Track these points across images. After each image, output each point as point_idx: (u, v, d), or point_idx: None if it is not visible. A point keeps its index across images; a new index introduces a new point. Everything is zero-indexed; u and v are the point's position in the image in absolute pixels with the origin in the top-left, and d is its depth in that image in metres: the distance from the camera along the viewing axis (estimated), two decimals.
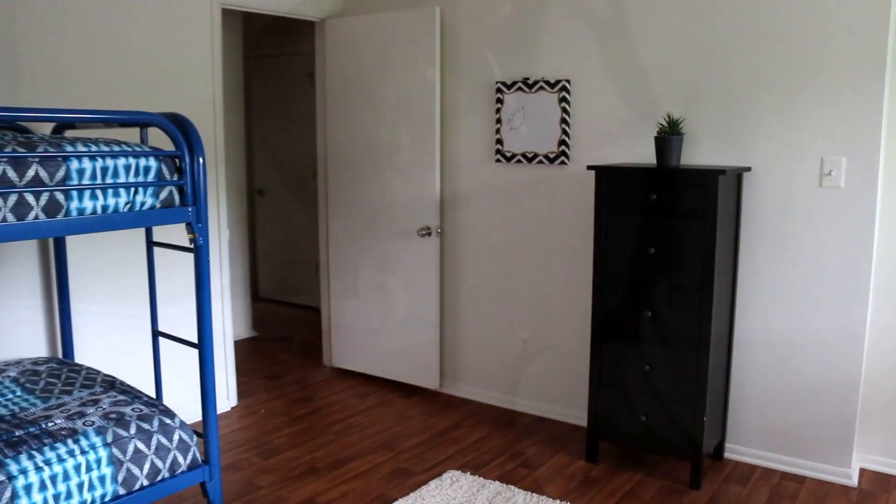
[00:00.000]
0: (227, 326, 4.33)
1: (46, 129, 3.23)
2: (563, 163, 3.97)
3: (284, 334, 5.98)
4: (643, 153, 3.72)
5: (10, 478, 2.25)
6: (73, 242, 3.47)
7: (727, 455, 3.69)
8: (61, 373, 3.08)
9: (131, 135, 3.35)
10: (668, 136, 3.40)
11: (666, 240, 3.32)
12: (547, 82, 3.96)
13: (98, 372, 3.09)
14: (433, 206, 4.36)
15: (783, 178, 3.40)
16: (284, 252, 6.84)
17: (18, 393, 2.88)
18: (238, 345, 5.37)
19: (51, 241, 3.41)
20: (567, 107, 3.92)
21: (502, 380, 4.40)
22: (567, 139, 3.94)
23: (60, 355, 3.52)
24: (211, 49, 4.02)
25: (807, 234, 3.37)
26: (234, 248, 5.58)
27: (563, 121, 3.93)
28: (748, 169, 3.45)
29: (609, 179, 3.46)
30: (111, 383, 2.93)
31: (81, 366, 3.18)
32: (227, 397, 4.34)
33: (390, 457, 3.72)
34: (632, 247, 3.42)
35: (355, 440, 3.91)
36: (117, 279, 3.68)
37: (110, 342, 3.69)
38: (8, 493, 2.24)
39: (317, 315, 6.36)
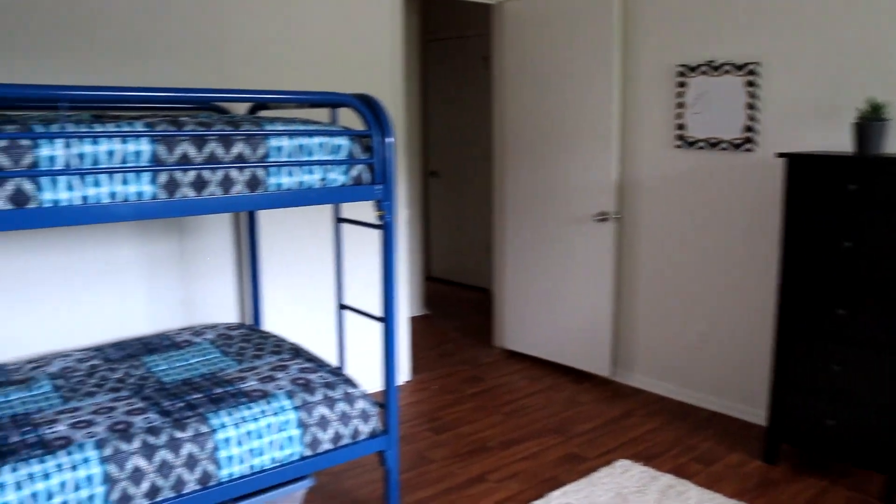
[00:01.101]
0: (404, 303, 4.48)
1: (242, 110, 3.45)
2: (748, 150, 3.80)
3: (456, 314, 6.09)
4: (835, 141, 3.49)
5: (213, 430, 2.44)
6: (263, 217, 3.70)
7: None
8: (252, 338, 3.30)
9: (319, 116, 3.52)
10: (870, 123, 3.17)
11: (864, 233, 3.10)
12: (733, 65, 3.79)
13: (284, 340, 3.28)
14: (610, 191, 4.30)
15: None
16: (456, 233, 6.97)
17: (216, 354, 3.11)
18: (411, 322, 5.53)
19: (244, 214, 3.64)
20: (754, 90, 3.74)
21: (676, 371, 4.29)
22: (754, 125, 3.77)
23: (250, 322, 3.76)
24: (391, 32, 4.13)
25: None
26: (408, 228, 5.74)
27: (750, 105, 3.76)
28: None
29: (801, 167, 3.26)
30: (297, 351, 3.10)
31: (269, 333, 3.39)
32: (401, 372, 4.49)
33: (560, 441, 3.72)
34: (824, 240, 3.21)
35: (525, 422, 3.94)
36: (303, 253, 3.89)
37: (294, 312, 3.91)
38: (210, 444, 2.43)
39: (486, 296, 6.45)
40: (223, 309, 3.69)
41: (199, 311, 3.61)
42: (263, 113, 3.35)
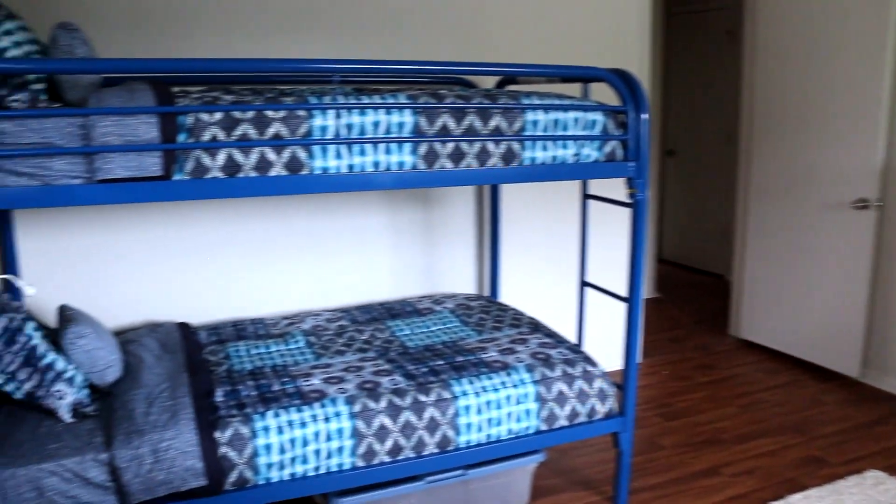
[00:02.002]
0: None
1: (488, 84, 3.49)
2: None
3: (688, 298, 5.88)
4: None
5: (454, 397, 2.51)
6: (505, 190, 3.74)
7: None
8: (491, 310, 3.35)
9: (565, 90, 3.48)
10: None
11: None
12: None
13: (523, 314, 3.30)
14: (873, 176, 3.93)
15: None
16: (691, 215, 6.70)
17: (456, 323, 3.19)
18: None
19: (487, 187, 3.70)
20: None
21: None
22: None
23: (487, 293, 3.83)
24: (639, 6, 4.00)
25: None
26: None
27: None
28: None
29: None
30: (536, 326, 3.12)
31: (507, 306, 3.43)
32: None
33: (801, 441, 3.49)
34: None
35: (762, 417, 3.73)
36: (543, 228, 3.89)
37: (532, 287, 3.93)
38: (452, 410, 2.50)
39: (719, 282, 6.18)
40: (461, 279, 3.79)
41: (438, 280, 3.73)
42: (511, 88, 3.36)
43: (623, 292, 2.92)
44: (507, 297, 3.86)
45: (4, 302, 2.31)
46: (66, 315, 2.50)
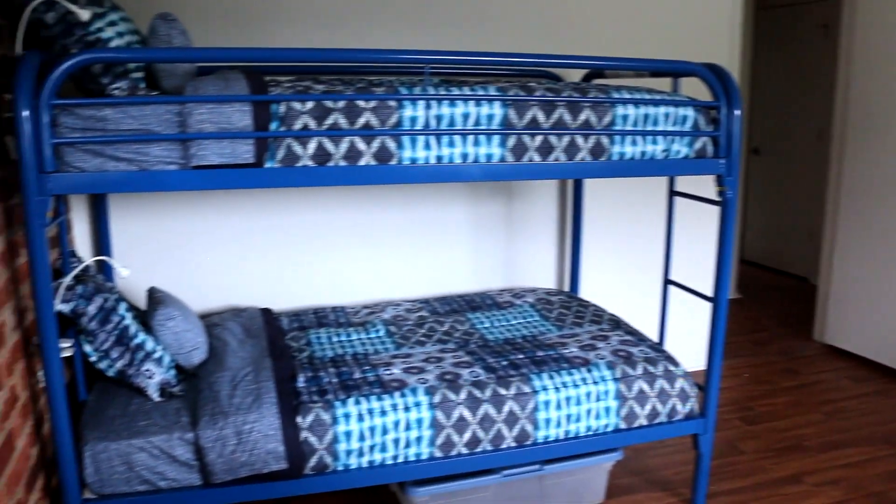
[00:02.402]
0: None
1: (574, 78, 3.45)
2: None
3: (770, 301, 5.73)
4: None
5: (534, 392, 2.50)
6: (588, 185, 3.69)
7: None
8: (571, 305, 3.32)
9: (652, 85, 3.42)
10: None
11: None
12: None
13: (604, 310, 3.26)
14: None
15: None
16: (776, 215, 6.51)
17: (536, 318, 3.17)
18: None
19: (570, 181, 3.66)
20: None
21: None
22: None
23: (566, 289, 3.80)
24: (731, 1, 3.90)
25: None
26: None
27: None
28: None
29: None
30: (616, 322, 3.08)
31: (588, 302, 3.39)
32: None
33: (891, 454, 3.35)
34: None
35: (848, 426, 3.61)
36: (626, 225, 3.84)
37: (612, 283, 3.89)
38: (531, 405, 2.49)
39: (804, 285, 6.00)
40: (542, 273, 3.76)
41: (518, 274, 3.71)
42: (597, 82, 3.32)
43: (706, 291, 2.86)
44: (587, 292, 3.82)
45: (100, 282, 2.38)
46: (156, 297, 2.58)
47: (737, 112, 2.48)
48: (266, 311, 3.10)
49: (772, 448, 3.38)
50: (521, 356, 2.71)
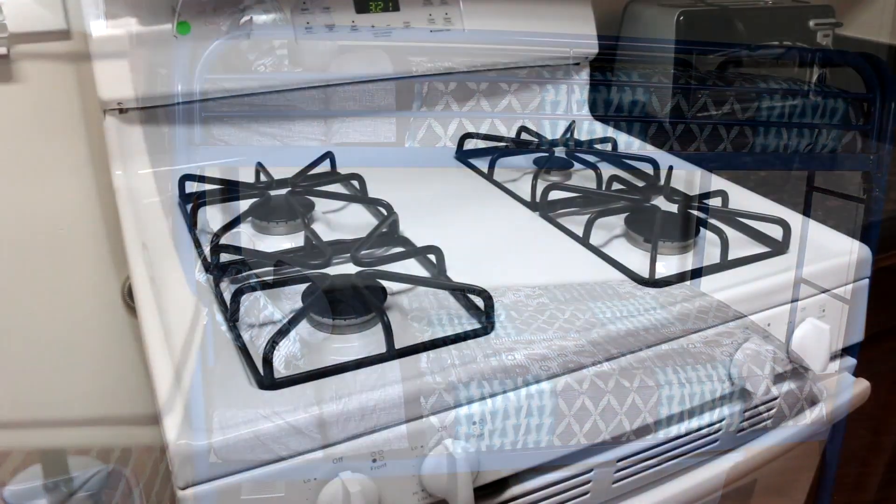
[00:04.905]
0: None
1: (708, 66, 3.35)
2: None
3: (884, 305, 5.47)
4: None
5: (658, 385, 2.45)
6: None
7: None
8: (694, 300, 3.22)
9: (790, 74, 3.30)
10: None
11: None
12: None
13: (728, 306, 3.16)
14: None
15: None
16: None
17: (659, 310, 3.10)
18: None
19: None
20: None
21: None
22: None
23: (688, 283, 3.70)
24: None
25: None
26: None
27: None
28: None
29: None
30: (743, 320, 2.98)
31: (712, 297, 3.29)
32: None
33: None
34: None
35: None
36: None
37: (737, 279, 3.76)
38: (654, 399, 2.44)
39: None
40: (663, 266, 3.67)
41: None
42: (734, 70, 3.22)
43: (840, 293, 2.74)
44: (709, 287, 3.71)
45: None
46: None
47: (893, 105, 2.37)
48: None
49: None
50: (643, 349, 2.65)
